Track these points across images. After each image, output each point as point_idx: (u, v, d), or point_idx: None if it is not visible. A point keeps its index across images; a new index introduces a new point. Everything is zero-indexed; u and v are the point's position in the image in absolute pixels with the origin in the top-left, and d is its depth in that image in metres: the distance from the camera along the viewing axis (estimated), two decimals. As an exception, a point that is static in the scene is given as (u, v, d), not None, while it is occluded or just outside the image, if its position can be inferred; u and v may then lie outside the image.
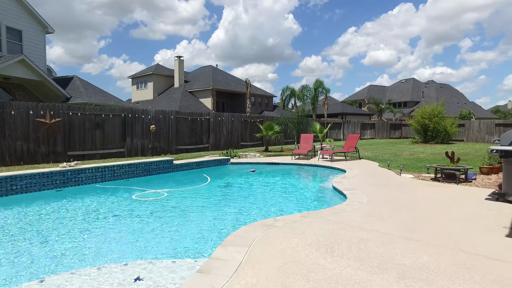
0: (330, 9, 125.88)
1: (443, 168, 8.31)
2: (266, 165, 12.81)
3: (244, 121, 19.68)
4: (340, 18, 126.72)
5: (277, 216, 5.40)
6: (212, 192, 7.89)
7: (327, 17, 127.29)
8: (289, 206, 6.45)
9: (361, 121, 31.45)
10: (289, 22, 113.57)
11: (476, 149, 19.88)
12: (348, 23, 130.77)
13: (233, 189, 8.32)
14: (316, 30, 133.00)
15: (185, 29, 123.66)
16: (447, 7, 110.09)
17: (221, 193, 7.92)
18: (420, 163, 11.91)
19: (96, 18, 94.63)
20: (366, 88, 64.13)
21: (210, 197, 7.34)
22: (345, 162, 12.59)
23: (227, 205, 6.53)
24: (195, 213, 5.94)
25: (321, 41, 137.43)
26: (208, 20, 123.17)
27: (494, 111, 72.12)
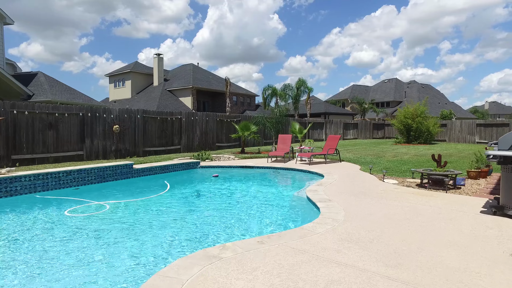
0: (314, 9, 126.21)
1: (430, 174, 7.43)
2: (239, 168, 11.74)
3: (220, 120, 18.55)
4: (324, 19, 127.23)
5: (231, 239, 4.35)
6: (165, 204, 6.74)
7: (311, 18, 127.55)
8: (252, 223, 5.36)
9: (344, 121, 30.79)
10: (274, 22, 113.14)
11: (459, 149, 19.38)
12: (332, 24, 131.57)
13: (191, 200, 7.17)
14: (301, 31, 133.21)
15: (170, 28, 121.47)
16: (427, 10, 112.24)
17: (176, 205, 6.79)
18: (404, 166, 11.09)
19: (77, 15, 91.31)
20: (349, 88, 63.93)
21: (160, 211, 6.19)
22: (325, 165, 11.66)
23: (175, 224, 5.36)
24: (131, 237, 4.79)
25: (306, 41, 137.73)
26: (193, 19, 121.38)
27: (473, 111, 73.31)
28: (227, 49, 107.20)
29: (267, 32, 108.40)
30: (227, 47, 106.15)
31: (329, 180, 8.15)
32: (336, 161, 12.75)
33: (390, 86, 60.04)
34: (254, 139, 17.11)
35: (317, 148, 15.57)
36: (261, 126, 17.22)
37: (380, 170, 10.33)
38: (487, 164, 9.43)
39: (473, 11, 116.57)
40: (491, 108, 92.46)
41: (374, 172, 9.79)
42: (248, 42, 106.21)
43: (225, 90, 31.80)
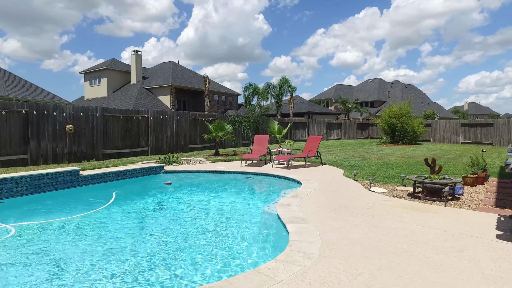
0: (299, 10, 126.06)
1: (425, 182, 6.25)
2: (208, 174, 10.35)
3: (194, 120, 17.10)
4: (309, 20, 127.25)
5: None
6: (93, 227, 5.24)
7: (296, 18, 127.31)
8: (196, 260, 3.87)
9: (327, 121, 29.78)
10: (259, 22, 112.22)
11: (446, 150, 18.55)
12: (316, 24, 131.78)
13: (129, 220, 5.64)
14: (286, 31, 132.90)
15: (154, 26, 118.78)
16: (408, 13, 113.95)
17: (107, 229, 5.31)
18: (392, 170, 9.96)
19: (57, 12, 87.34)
20: (333, 88, 63.30)
21: (81, 237, 4.74)
22: (304, 169, 10.41)
23: (83, 261, 3.93)
24: (20, 277, 3.37)
25: (291, 42, 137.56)
26: (178, 18, 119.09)
27: (454, 112, 74.03)
28: (212, 49, 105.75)
29: (252, 32, 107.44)
30: (212, 47, 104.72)
31: (306, 190, 6.87)
32: (317, 164, 11.54)
33: (374, 86, 59.71)
34: (231, 140, 15.76)
35: (298, 150, 14.33)
36: (237, 126, 15.88)
37: (366, 175, 9.16)
38: (484, 168, 8.38)
39: (452, 15, 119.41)
40: (470, 108, 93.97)
41: (359, 177, 8.59)
42: (233, 41, 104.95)
43: (204, 88, 30.28)
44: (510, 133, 22.35)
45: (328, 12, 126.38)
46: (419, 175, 6.90)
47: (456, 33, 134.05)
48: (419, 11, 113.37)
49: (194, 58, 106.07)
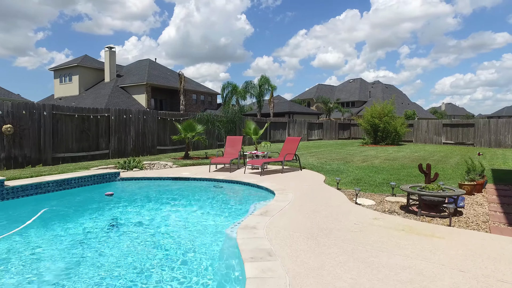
0: (281, 11, 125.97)
1: (423, 194, 5.13)
2: (170, 181, 8.98)
3: (163, 119, 15.63)
4: (291, 21, 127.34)
5: None
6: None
7: (278, 19, 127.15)
8: None
9: (308, 121, 28.79)
10: (241, 23, 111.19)
11: (429, 151, 17.83)
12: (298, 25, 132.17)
13: (39, 255, 4.21)
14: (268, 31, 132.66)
15: (134, 25, 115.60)
16: (387, 16, 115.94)
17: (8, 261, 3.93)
18: (378, 176, 8.89)
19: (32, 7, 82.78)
20: (315, 87, 62.75)
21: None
22: (281, 175, 9.20)
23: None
24: None
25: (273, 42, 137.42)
26: (159, 16, 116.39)
27: (432, 112, 75.01)
28: (193, 48, 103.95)
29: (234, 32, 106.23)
30: (193, 46, 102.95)
31: (280, 204, 5.63)
32: (296, 168, 10.35)
33: (355, 86, 59.49)
34: (202, 142, 14.39)
35: (275, 152, 13.13)
36: (210, 126, 14.53)
37: (350, 182, 8.02)
38: (481, 174, 7.39)
39: (428, 19, 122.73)
40: (447, 109, 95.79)
41: (342, 185, 7.44)
42: (215, 41, 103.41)
43: (179, 87, 28.73)
44: (490, 134, 21.96)
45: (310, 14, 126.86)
46: (413, 185, 5.79)
47: (432, 36, 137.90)
48: (397, 15, 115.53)
49: (176, 57, 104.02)
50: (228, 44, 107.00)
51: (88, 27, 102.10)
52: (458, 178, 8.54)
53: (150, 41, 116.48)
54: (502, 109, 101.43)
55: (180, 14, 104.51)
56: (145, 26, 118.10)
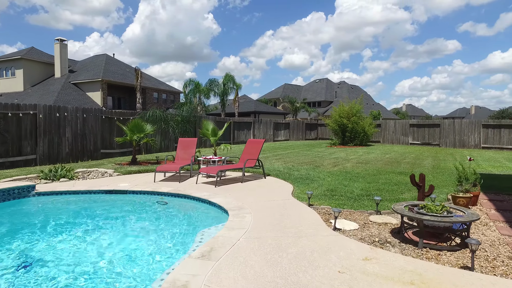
0: (249, 12, 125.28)
1: (427, 219, 3.78)
2: (104, 195, 7.13)
3: (109, 118, 13.56)
4: (258, 21, 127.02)
5: None
6: None
7: (246, 19, 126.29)
8: None
9: (274, 121, 27.50)
10: (208, 22, 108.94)
11: (400, 153, 17.08)
12: (265, 26, 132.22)
13: None
14: (235, 31, 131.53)
15: (96, 20, 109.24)
16: (350, 19, 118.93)
17: None
18: (354, 184, 7.59)
19: None
20: (281, 87, 61.97)
21: None
22: (241, 185, 7.65)
23: None
24: None
25: (240, 42, 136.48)
26: (123, 13, 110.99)
27: (395, 113, 77.01)
28: (159, 47, 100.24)
29: (201, 31, 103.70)
30: (159, 45, 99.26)
31: (232, 235, 4.06)
32: (259, 175, 8.85)
33: (321, 86, 59.36)
34: (153, 144, 12.50)
35: (235, 157, 11.59)
36: (163, 126, 12.69)
37: (323, 194, 6.63)
38: (474, 182, 6.26)
39: (388, 24, 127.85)
40: (408, 110, 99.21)
41: (315, 200, 6.02)
42: (181, 40, 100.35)
43: (136, 83, 26.34)
44: (455, 134, 21.81)
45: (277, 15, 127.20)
46: (407, 203, 4.45)
47: (392, 41, 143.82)
48: (360, 19, 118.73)
49: (141, 55, 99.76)
50: (195, 43, 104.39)
51: (44, 20, 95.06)
52: (445, 187, 7.43)
53: (113, 38, 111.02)
54: (456, 111, 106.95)
55: (145, 11, 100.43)
56: (108, 22, 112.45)
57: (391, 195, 6.57)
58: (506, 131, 20.09)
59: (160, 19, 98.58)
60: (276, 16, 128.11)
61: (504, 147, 20.01)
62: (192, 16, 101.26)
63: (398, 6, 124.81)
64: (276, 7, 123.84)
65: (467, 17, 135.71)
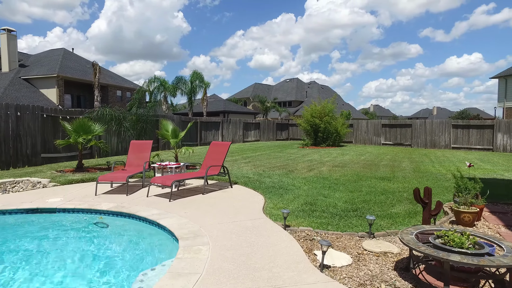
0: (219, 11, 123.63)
1: (453, 260, 2.69)
2: (24, 215, 5.57)
3: (52, 117, 11.72)
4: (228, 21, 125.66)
5: None
6: None
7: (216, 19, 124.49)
8: None
9: (244, 120, 26.28)
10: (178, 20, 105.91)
11: (374, 154, 16.41)
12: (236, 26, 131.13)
13: None
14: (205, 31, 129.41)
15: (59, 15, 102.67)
16: (319, 21, 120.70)
17: None
18: (336, 195, 6.51)
19: None
20: (251, 86, 60.90)
21: None
22: (201, 198, 6.34)
23: None
24: None
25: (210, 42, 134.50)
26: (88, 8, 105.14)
27: (364, 113, 78.30)
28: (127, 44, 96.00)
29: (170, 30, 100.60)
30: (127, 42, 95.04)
31: (178, 285, 2.78)
32: (224, 183, 7.58)
33: (291, 85, 58.89)
34: (102, 147, 10.80)
35: (198, 163, 10.23)
36: (115, 127, 11.07)
37: (301, 208, 5.48)
38: (475, 192, 5.35)
39: (355, 27, 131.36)
40: (375, 110, 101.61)
41: (292, 219, 4.85)
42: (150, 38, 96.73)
43: (93, 80, 24.10)
44: (426, 134, 21.64)
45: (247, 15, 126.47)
46: (417, 229, 3.35)
47: (359, 43, 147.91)
48: (328, 21, 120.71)
49: (107, 53, 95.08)
50: (164, 41, 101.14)
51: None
52: (435, 195, 6.51)
53: (77, 34, 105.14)
54: (419, 111, 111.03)
55: (111, 7, 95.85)
56: (72, 17, 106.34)
57: (380, 208, 5.54)
58: (474, 132, 20.10)
59: (128, 16, 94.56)
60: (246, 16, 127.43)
61: (472, 147, 20.01)
62: (161, 13, 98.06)
63: (364, 10, 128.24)
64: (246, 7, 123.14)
65: (427, 23, 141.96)
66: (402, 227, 4.54)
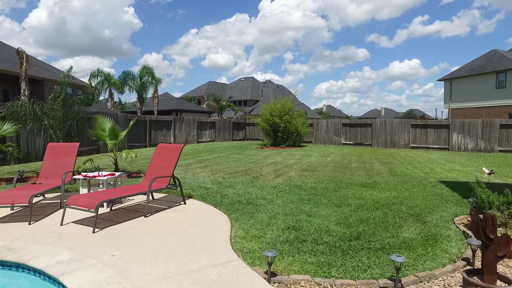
0: (172, 8, 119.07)
1: None
2: None
3: None
4: (182, 19, 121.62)
5: None
6: None
7: (169, 16, 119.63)
8: None
9: (198, 119, 24.32)
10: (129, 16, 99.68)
11: (339, 154, 15.47)
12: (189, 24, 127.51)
13: None
14: (158, 28, 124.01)
15: None
16: (273, 23, 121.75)
17: None
18: (321, 211, 5.08)
19: None
20: (206, 85, 58.66)
21: None
22: (142, 224, 4.55)
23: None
24: None
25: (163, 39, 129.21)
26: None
27: (318, 112, 79.46)
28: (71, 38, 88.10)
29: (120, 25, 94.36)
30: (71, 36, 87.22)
31: None
32: (175, 198, 5.84)
33: (247, 84, 57.60)
34: (10, 153, 8.33)
35: (145, 167, 8.28)
36: (32, 126, 8.73)
37: (282, 235, 3.93)
38: (499, 207, 4.20)
39: (307, 30, 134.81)
40: (328, 110, 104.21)
41: (276, 259, 3.30)
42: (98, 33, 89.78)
43: (20, 71, 20.62)
44: (386, 134, 21.38)
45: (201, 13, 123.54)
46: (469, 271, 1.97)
47: (311, 46, 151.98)
48: (282, 23, 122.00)
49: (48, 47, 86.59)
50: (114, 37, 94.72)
51: None
52: (437, 209, 5.33)
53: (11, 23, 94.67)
54: (369, 112, 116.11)
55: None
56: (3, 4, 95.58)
57: (387, 232, 4.18)
58: (432, 131, 20.14)
59: (73, 8, 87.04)
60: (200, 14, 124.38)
61: (430, 147, 20.03)
62: (111, 8, 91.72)
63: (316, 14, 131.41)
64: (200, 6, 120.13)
65: (373, 29, 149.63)
66: (432, 264, 3.20)
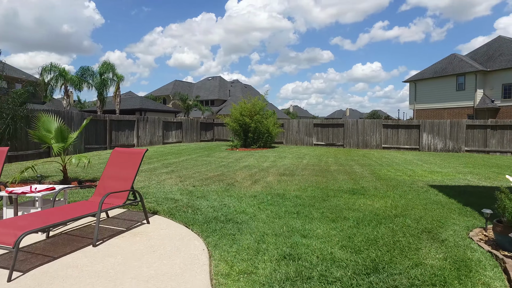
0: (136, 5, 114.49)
1: None
2: None
3: None
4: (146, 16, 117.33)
5: None
6: None
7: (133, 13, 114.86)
8: None
9: (164, 119, 22.84)
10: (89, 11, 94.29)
11: (314, 156, 14.83)
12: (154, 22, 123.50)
13: None
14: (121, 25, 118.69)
15: None
16: (239, 23, 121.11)
17: None
18: (317, 230, 4.20)
19: None
20: (171, 83, 56.57)
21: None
22: (90, 256, 3.42)
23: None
24: None
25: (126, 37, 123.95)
26: None
27: (286, 113, 79.62)
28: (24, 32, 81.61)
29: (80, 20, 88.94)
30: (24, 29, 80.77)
31: None
32: (135, 214, 4.73)
33: (214, 83, 56.23)
34: None
35: (98, 174, 7.00)
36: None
37: (277, 267, 2.96)
38: None
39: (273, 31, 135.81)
40: (295, 110, 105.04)
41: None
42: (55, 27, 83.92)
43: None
44: (359, 134, 21.18)
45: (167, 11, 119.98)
46: None
47: (277, 47, 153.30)
48: (248, 23, 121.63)
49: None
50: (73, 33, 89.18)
51: None
52: (440, 220, 4.65)
53: None
54: (334, 112, 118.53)
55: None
56: None
57: (407, 258, 3.37)
58: (403, 131, 20.17)
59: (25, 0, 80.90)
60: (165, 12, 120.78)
61: (402, 147, 20.06)
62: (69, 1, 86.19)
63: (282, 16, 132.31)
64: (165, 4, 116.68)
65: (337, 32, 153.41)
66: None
